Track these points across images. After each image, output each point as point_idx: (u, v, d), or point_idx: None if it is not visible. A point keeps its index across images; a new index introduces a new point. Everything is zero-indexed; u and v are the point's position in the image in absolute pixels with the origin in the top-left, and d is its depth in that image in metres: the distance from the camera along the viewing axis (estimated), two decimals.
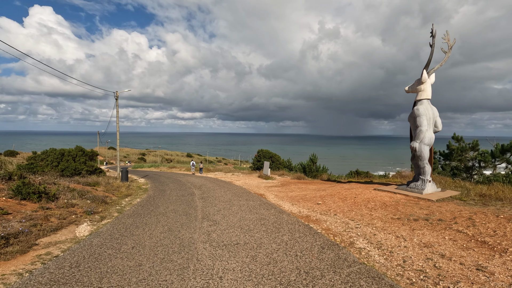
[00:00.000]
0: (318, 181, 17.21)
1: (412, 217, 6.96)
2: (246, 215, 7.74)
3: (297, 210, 8.69)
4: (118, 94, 19.44)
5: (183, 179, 20.69)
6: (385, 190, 10.64)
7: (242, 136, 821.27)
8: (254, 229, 6.23)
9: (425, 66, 10.06)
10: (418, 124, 9.97)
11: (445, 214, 7.00)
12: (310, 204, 9.54)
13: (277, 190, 13.67)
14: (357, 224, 6.80)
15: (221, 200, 10.43)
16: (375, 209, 8.07)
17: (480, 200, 8.78)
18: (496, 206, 7.75)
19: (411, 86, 10.62)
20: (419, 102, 10.21)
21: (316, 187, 14.03)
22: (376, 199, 9.33)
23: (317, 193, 11.51)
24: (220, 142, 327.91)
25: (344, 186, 12.82)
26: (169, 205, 9.72)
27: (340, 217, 7.57)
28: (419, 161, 10.15)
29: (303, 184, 15.58)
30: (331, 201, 9.59)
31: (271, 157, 32.02)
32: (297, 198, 11.00)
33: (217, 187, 14.41)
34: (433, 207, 7.94)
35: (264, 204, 9.34)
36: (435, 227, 6.07)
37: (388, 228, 6.31)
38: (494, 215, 6.61)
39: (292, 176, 20.21)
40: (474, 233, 5.44)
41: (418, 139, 9.98)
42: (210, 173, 29.44)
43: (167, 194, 12.67)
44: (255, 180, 19.33)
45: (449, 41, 10.15)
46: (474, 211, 7.09)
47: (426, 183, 10.00)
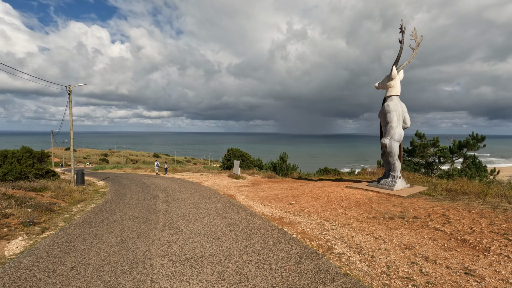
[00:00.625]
0: (289, 180, 16.89)
1: (388, 216, 6.71)
2: (214, 220, 6.99)
3: (269, 212, 8.13)
4: (71, 89, 17.52)
5: (147, 180, 19.29)
6: (357, 187, 10.48)
7: (212, 135, 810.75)
8: (222, 237, 5.51)
9: (395, 62, 10.03)
10: (388, 120, 9.91)
11: (419, 211, 6.85)
12: (282, 205, 9.04)
13: (247, 190, 13.05)
14: (333, 225, 6.39)
15: (187, 203, 9.55)
16: (350, 208, 7.76)
17: (448, 195, 8.88)
18: (464, 201, 7.81)
19: (381, 83, 10.57)
20: (389, 98, 10.17)
21: (288, 186, 13.64)
22: (349, 197, 9.08)
23: (289, 192, 11.07)
24: (189, 142, 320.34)
25: (316, 184, 12.55)
26: (128, 211, 8.65)
27: (315, 218, 7.14)
28: (389, 157, 10.10)
29: (274, 183, 15.14)
30: (304, 201, 9.18)
31: (241, 156, 31.39)
32: (269, 198, 10.47)
33: (183, 189, 13.43)
34: (405, 204, 7.81)
35: (234, 207, 8.65)
36: (412, 226, 5.83)
37: (365, 229, 5.96)
38: (465, 210, 6.56)
39: (263, 175, 19.75)
40: (452, 231, 5.25)
41: (388, 136, 9.92)
42: (178, 173, 28.05)
43: (127, 198, 11.47)
44: (225, 180, 18.56)
45: (416, 38, 10.22)
46: (446, 207, 7.03)
47: (396, 179, 9.99)
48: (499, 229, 5.05)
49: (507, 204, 6.99)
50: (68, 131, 18.25)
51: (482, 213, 6.16)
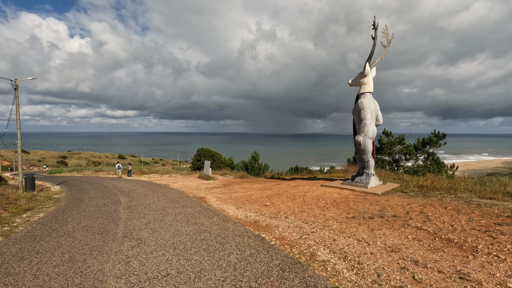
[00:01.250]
0: (262, 179, 16.46)
1: (367, 215, 6.47)
2: (182, 227, 6.25)
3: (244, 215, 7.56)
4: (18, 83, 15.52)
5: (109, 184, 17.76)
6: (332, 186, 10.28)
7: (181, 135, 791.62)
8: (192, 248, 4.83)
9: (368, 59, 9.96)
10: (362, 117, 9.81)
11: (397, 209, 6.69)
12: (257, 206, 8.52)
13: (219, 192, 12.36)
14: (312, 228, 5.99)
15: (153, 208, 8.66)
16: (327, 208, 7.44)
17: (420, 191, 8.94)
18: (437, 197, 7.85)
19: (354, 80, 10.46)
20: (362, 95, 10.08)
21: (261, 186, 13.17)
22: (326, 196, 8.80)
23: (263, 193, 10.59)
24: (157, 142, 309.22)
25: (290, 183, 12.22)
26: (82, 220, 7.59)
27: (292, 220, 6.70)
28: (363, 155, 10.02)
29: (247, 184, 14.59)
30: (280, 202, 8.74)
31: (212, 156, 30.45)
32: (242, 199, 9.90)
33: (149, 192, 12.39)
34: (382, 202, 7.67)
35: (205, 211, 7.95)
36: (393, 225, 5.60)
37: (346, 230, 5.63)
38: (442, 207, 6.51)
39: (235, 175, 19.13)
40: (434, 229, 5.07)
41: (362, 133, 9.82)
42: (144, 175, 26.43)
43: (84, 204, 10.24)
44: (195, 181, 17.65)
45: (388, 35, 10.24)
46: (422, 204, 6.96)
47: (371, 177, 9.93)
48: (480, 226, 4.96)
49: (478, 199, 7.09)
50: (15, 131, 16.17)
51: (458, 209, 6.12)
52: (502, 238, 4.28)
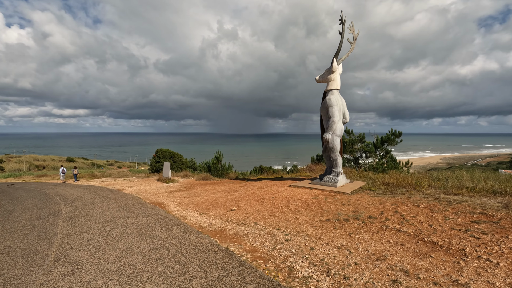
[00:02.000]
0: (226, 181, 15.63)
1: (342, 217, 6.05)
2: (133, 243, 5.22)
3: (208, 223, 6.72)
4: None
5: (51, 191, 15.51)
6: (300, 186, 9.86)
7: (139, 135, 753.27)
8: (143, 273, 3.89)
9: (335, 55, 9.71)
10: (330, 114, 9.53)
11: (371, 209, 6.40)
12: (222, 212, 7.72)
13: (180, 196, 11.30)
14: (286, 235, 5.38)
15: (100, 219, 7.39)
16: (299, 211, 6.92)
17: (387, 189, 8.89)
18: (405, 194, 7.77)
19: (322, 76, 10.17)
20: (330, 92, 9.82)
21: (226, 188, 12.36)
22: (296, 197, 8.31)
23: (228, 196, 9.80)
24: (112, 143, 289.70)
25: (256, 184, 11.59)
26: (6, 239, 6.11)
27: (263, 227, 6.04)
28: (332, 153, 9.76)
29: (210, 186, 13.67)
30: (247, 205, 8.04)
31: (172, 157, 28.76)
32: (206, 204, 9.01)
33: (98, 200, 10.86)
34: (353, 201, 7.38)
35: (163, 220, 6.93)
36: (371, 228, 5.22)
37: (323, 236, 5.12)
38: (414, 205, 6.35)
39: (197, 177, 18.01)
40: (414, 231, 4.76)
41: (330, 130, 9.55)
42: (95, 179, 23.93)
43: (14, 217, 8.52)
44: (153, 184, 16.21)
45: (354, 32, 10.11)
46: (394, 202, 6.76)
47: (339, 175, 9.70)
48: (458, 225, 4.77)
49: (445, 196, 7.11)
50: None
51: (431, 207, 5.97)
52: (486, 238, 4.06)
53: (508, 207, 5.41)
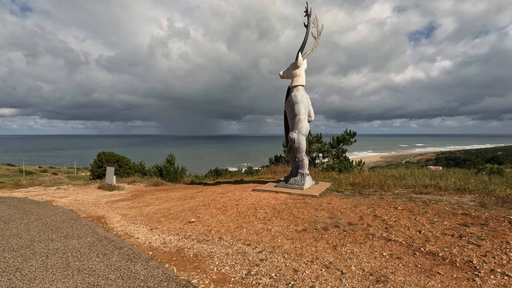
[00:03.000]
0: (181, 186, 14.15)
1: (319, 225, 5.35)
2: (52, 283, 3.76)
3: (161, 241, 5.46)
4: None
5: None
6: (265, 190, 9.05)
7: (80, 138, 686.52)
8: None
9: (300, 49, 9.13)
10: (296, 112, 8.90)
11: (348, 214, 5.82)
12: (179, 225, 6.48)
13: (126, 206, 9.63)
14: (260, 252, 4.46)
15: (11, 246, 5.57)
16: (269, 220, 6.05)
17: (355, 190, 8.55)
18: (375, 195, 7.44)
19: (286, 71, 9.52)
20: (295, 89, 9.20)
21: (181, 194, 10.99)
22: (262, 203, 7.45)
23: (185, 204, 8.54)
24: (46, 147, 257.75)
25: (215, 189, 10.48)
26: None
27: (230, 243, 5.03)
28: (297, 153, 9.14)
29: (163, 192, 12.11)
30: (208, 215, 6.93)
31: (118, 161, 25.86)
32: (158, 215, 7.64)
33: (16, 216, 8.64)
34: (325, 205, 6.78)
35: (101, 241, 5.45)
36: (355, 238, 4.58)
37: (304, 252, 4.31)
38: (391, 207, 5.94)
39: (147, 183, 16.09)
40: (405, 240, 4.22)
41: (296, 129, 8.91)
42: (19, 189, 20.14)
43: None
44: (94, 193, 13.94)
45: (318, 26, 9.66)
46: (368, 205, 6.31)
47: (305, 177, 9.13)
48: (448, 230, 4.36)
49: (416, 195, 6.91)
50: None
51: (410, 210, 5.60)
52: (486, 245, 3.65)
53: (485, 206, 5.25)
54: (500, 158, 72.36)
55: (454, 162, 61.82)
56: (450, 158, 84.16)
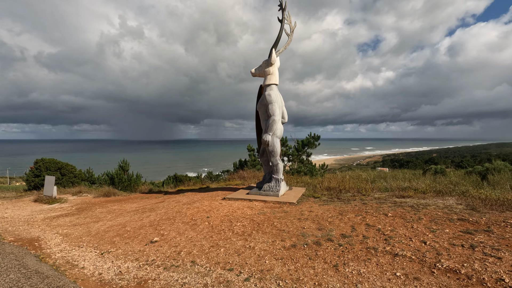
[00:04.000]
0: (137, 196, 12.56)
1: (309, 239, 4.66)
2: None
3: (115, 270, 4.29)
4: None
5: None
6: (237, 198, 8.19)
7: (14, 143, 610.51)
8: None
9: (274, 45, 8.51)
10: (270, 113, 8.23)
11: (336, 224, 5.25)
12: (138, 246, 5.31)
13: (69, 223, 8.00)
14: (246, 280, 3.60)
15: None
16: (250, 235, 5.22)
17: (332, 195, 8.12)
18: (356, 200, 7.05)
19: (258, 69, 8.82)
20: (268, 88, 8.54)
21: (138, 205, 9.59)
22: (237, 214, 6.58)
23: (144, 218, 7.28)
24: None
25: (179, 199, 9.31)
26: None
27: (206, 268, 4.08)
28: (271, 157, 8.46)
29: (115, 204, 10.51)
30: (175, 232, 5.84)
31: (60, 168, 22.70)
32: (111, 234, 6.31)
33: None
34: (307, 214, 6.16)
35: (30, 278, 4.08)
36: (356, 253, 3.97)
37: (301, 276, 3.56)
38: (380, 214, 5.52)
39: (97, 193, 14.07)
40: (413, 254, 3.72)
41: (270, 131, 8.24)
42: None
43: None
44: (28, 207, 11.66)
45: (291, 23, 9.17)
46: (356, 212, 5.83)
47: (280, 182, 8.47)
48: (454, 238, 3.98)
49: (399, 199, 6.65)
50: None
51: (402, 216, 5.21)
52: (508, 257, 3.27)
53: (476, 209, 5.07)
54: (435, 159, 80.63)
55: (399, 164, 67.02)
56: (395, 160, 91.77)
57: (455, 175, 16.51)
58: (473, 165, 53.40)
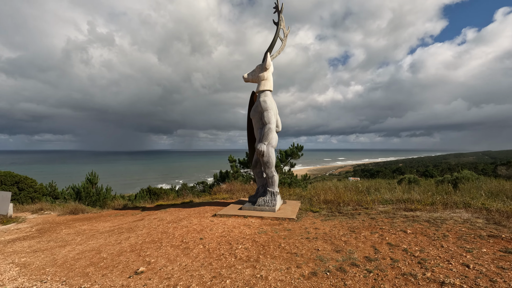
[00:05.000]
0: (110, 213, 11.22)
1: (330, 265, 4.01)
2: None
3: None
4: None
5: None
6: (230, 214, 7.38)
7: None
8: None
9: (269, 49, 8.01)
10: (266, 120, 7.62)
11: (355, 244, 4.66)
12: (120, 279, 4.32)
13: (28, 249, 6.68)
14: None
15: None
16: (257, 260, 4.46)
17: (332, 209, 7.59)
18: (360, 215, 6.57)
19: (252, 74, 8.24)
20: (263, 94, 7.97)
21: (113, 225, 8.41)
22: (235, 234, 5.79)
23: (122, 241, 6.22)
24: None
25: (161, 216, 8.30)
26: None
27: None
28: (266, 168, 7.82)
29: (85, 223, 9.19)
30: (164, 258, 4.92)
31: (18, 182, 20.26)
32: (83, 263, 5.21)
33: None
34: (313, 232, 5.54)
35: None
36: (393, 282, 3.36)
37: None
38: (398, 230, 5.03)
39: (62, 210, 12.42)
40: (465, 283, 3.19)
41: (265, 140, 7.61)
42: None
43: None
44: None
45: (284, 27, 8.77)
46: (371, 229, 5.30)
47: (276, 196, 7.82)
48: (500, 260, 3.53)
49: (408, 213, 6.25)
50: None
51: (424, 233, 4.75)
52: None
53: (501, 224, 4.74)
54: (402, 168, 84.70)
55: (370, 174, 69.15)
56: (366, 170, 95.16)
57: (427, 184, 16.95)
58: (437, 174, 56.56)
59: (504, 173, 33.05)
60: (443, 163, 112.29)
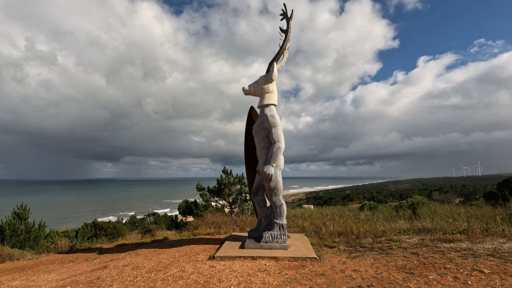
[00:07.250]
0: (52, 258, 8.49)
1: None
2: None
3: None
4: None
5: None
6: (233, 256, 5.78)
7: None
8: None
9: (275, 58, 7.06)
10: (274, 138, 6.43)
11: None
12: None
13: None
14: None
15: None
16: None
17: (349, 243, 6.51)
18: (393, 249, 5.59)
19: (255, 85, 7.13)
20: (268, 108, 6.84)
21: (61, 277, 6.05)
22: (256, 287, 4.27)
23: None
24: None
25: (134, 261, 6.25)
26: None
27: None
28: (274, 196, 6.51)
29: (16, 277, 6.54)
30: None
31: None
32: None
33: None
34: (358, 276, 4.34)
35: None
36: None
37: None
38: (467, 269, 4.09)
39: None
40: None
41: (273, 162, 6.36)
42: None
43: None
44: None
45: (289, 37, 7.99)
46: (430, 269, 4.28)
47: (285, 229, 6.47)
48: None
49: (451, 244, 5.43)
50: None
51: (506, 272, 3.87)
52: None
53: None
54: (350, 195, 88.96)
55: (322, 201, 70.73)
56: (317, 197, 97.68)
57: (386, 209, 17.12)
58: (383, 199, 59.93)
59: (438, 198, 36.19)
60: (384, 190, 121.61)
